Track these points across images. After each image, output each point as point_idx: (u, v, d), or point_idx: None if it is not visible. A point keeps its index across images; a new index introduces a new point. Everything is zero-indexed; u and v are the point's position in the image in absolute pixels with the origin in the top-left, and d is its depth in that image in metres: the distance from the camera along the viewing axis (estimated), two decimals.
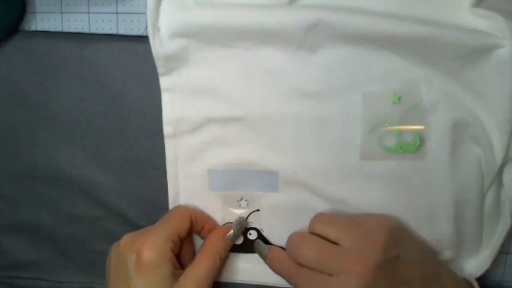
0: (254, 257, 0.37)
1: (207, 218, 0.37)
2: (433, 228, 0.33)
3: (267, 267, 0.35)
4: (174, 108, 0.35)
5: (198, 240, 0.38)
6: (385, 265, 0.29)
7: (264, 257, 0.35)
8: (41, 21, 0.38)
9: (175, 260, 0.33)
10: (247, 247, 0.37)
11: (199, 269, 0.32)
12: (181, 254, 0.35)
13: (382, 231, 0.30)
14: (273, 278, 0.35)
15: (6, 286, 0.43)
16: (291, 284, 0.32)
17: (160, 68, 0.34)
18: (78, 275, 0.43)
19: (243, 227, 0.36)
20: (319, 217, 0.33)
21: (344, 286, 0.29)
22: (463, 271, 0.35)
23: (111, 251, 0.34)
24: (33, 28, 0.38)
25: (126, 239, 0.33)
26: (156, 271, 0.31)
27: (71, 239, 0.42)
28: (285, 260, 0.33)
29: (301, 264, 0.31)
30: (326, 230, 0.31)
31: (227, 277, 0.38)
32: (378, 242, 0.30)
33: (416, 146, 0.32)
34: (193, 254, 0.37)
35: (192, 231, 0.36)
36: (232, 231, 0.36)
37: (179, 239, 0.33)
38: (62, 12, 0.38)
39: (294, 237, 0.33)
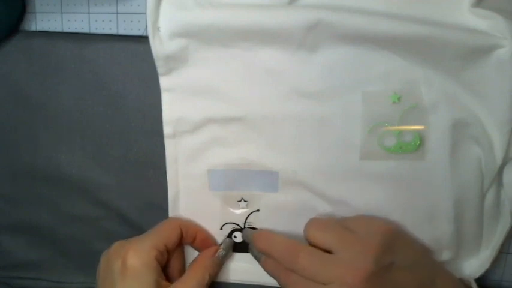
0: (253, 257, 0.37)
1: (199, 229, 0.37)
2: (433, 228, 0.33)
3: None
4: (174, 108, 0.35)
5: (191, 254, 0.38)
6: (379, 273, 0.29)
7: (258, 259, 0.35)
8: (41, 21, 0.38)
9: (160, 269, 0.33)
10: (247, 247, 0.37)
11: (188, 284, 0.33)
12: (171, 266, 0.35)
13: (376, 238, 0.30)
14: (270, 278, 0.34)
15: (6, 286, 0.43)
16: (282, 287, 0.32)
17: (160, 68, 0.34)
18: (78, 275, 0.43)
19: (231, 247, 0.37)
20: (314, 223, 0.33)
21: None
22: (462, 271, 0.35)
23: (101, 258, 0.34)
24: (33, 28, 0.38)
25: (115, 246, 0.33)
26: (140, 278, 0.31)
27: (71, 239, 0.42)
28: (278, 263, 0.32)
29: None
30: (320, 237, 0.31)
31: (225, 277, 0.38)
32: (371, 250, 0.29)
33: (416, 146, 0.32)
34: (182, 268, 0.37)
35: (183, 242, 0.36)
36: (221, 251, 0.36)
37: (166, 249, 0.34)
38: (62, 12, 0.38)
39: (287, 247, 0.32)
